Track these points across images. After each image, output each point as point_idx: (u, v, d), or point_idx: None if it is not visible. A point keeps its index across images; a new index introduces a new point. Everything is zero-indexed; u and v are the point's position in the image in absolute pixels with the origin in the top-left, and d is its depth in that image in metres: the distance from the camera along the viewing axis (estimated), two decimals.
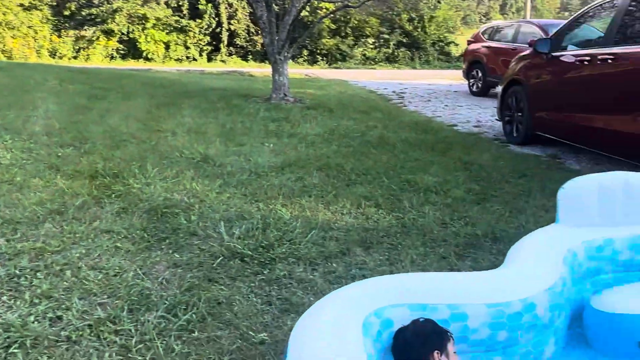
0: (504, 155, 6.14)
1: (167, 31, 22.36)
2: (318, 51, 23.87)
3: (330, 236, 3.42)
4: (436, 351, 1.76)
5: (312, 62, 23.62)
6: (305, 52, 23.57)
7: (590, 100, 5.38)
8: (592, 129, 5.34)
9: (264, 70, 18.08)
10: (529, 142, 6.76)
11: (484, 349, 1.97)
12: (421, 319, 1.85)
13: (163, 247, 3.16)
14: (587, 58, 5.45)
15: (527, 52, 6.90)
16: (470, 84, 13.33)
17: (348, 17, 23.53)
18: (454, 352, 1.81)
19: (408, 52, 25.00)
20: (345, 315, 1.77)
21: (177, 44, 22.56)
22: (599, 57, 5.24)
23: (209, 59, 23.15)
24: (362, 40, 24.54)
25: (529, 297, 1.98)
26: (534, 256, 2.25)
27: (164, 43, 22.35)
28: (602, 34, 5.59)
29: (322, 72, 20.30)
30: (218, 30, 22.88)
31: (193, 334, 2.30)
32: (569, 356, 2.22)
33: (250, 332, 2.33)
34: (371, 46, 24.65)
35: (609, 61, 5.10)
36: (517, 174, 5.19)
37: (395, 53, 24.83)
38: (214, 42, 23.24)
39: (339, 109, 9.02)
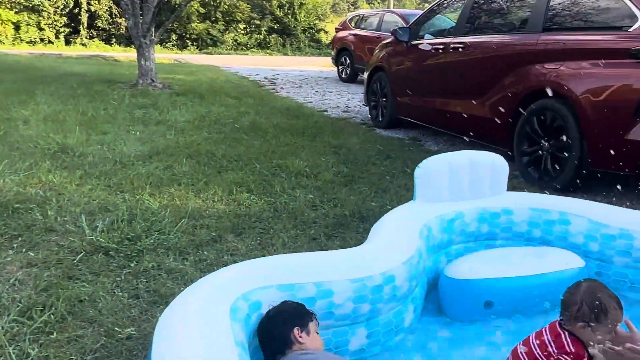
0: (370, 139, 6.43)
1: (16, 10, 20.30)
2: (187, 36, 23.12)
3: (201, 224, 3.37)
4: (297, 328, 1.81)
5: (182, 47, 22.84)
6: (174, 37, 22.71)
7: (445, 86, 5.80)
8: (447, 112, 5.76)
9: (129, 54, 17.14)
10: (393, 125, 7.15)
11: (349, 322, 2.07)
12: (288, 301, 1.90)
13: (15, 245, 2.91)
14: (441, 46, 5.87)
15: (389, 40, 7.26)
16: (340, 70, 13.74)
17: (218, 1, 23.04)
18: (316, 332, 1.87)
19: (279, 38, 25.13)
20: (213, 301, 1.76)
21: (28, 24, 20.56)
22: (451, 45, 5.66)
23: (67, 42, 21.42)
24: (233, 25, 24.20)
25: (388, 270, 2.11)
26: (393, 232, 2.40)
27: (13, 23, 20.26)
28: (454, 24, 6.04)
29: (192, 57, 19.72)
30: (76, 10, 21.21)
31: (51, 336, 2.15)
32: (425, 323, 2.41)
33: (116, 328, 2.23)
34: (242, 32, 24.40)
35: (460, 50, 5.53)
36: (382, 156, 5.47)
37: (267, 39, 24.84)
38: (73, 24, 21.53)
39: (210, 95, 8.84)
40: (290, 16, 25.27)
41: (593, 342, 1.77)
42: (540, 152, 4.56)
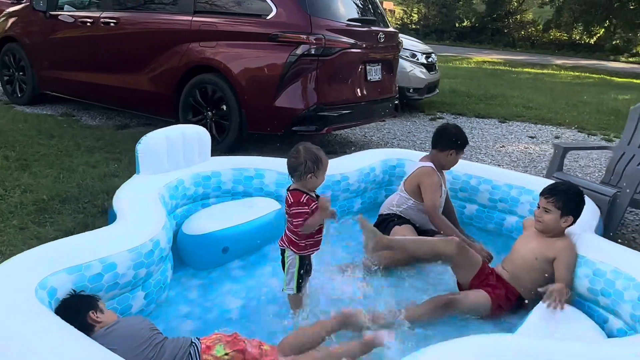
0: (17, 118, 5.92)
1: None
2: None
3: None
4: (91, 311, 1.96)
5: None
6: None
7: (102, 60, 5.80)
8: (106, 87, 5.82)
9: None
10: (36, 101, 6.68)
11: (130, 288, 2.29)
12: (67, 297, 2.00)
13: None
14: (90, 20, 5.81)
15: (19, 7, 6.64)
16: None
17: None
18: (105, 307, 2.05)
19: None
20: (16, 292, 1.77)
21: None
22: (102, 20, 5.69)
23: None
24: None
25: (154, 237, 2.40)
26: (141, 204, 2.65)
27: None
28: None
29: None
30: None
31: None
32: (177, 277, 2.78)
33: None
34: None
35: (113, 24, 5.63)
36: (45, 136, 5.21)
37: None
38: None
39: None
40: None
41: (318, 185, 2.42)
42: (205, 120, 5.22)
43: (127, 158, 4.74)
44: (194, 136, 3.33)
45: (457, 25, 34.55)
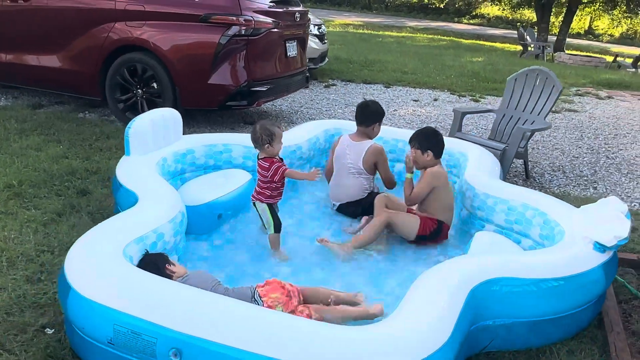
0: None
1: None
2: None
3: None
4: (166, 265, 2.43)
5: None
6: None
7: (14, 39, 5.64)
8: (20, 66, 5.69)
9: None
10: None
11: (170, 251, 2.74)
12: (146, 255, 2.44)
13: None
14: None
15: None
16: None
17: None
18: (175, 261, 2.52)
19: None
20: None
21: None
22: None
23: None
24: None
25: (181, 209, 2.85)
26: (155, 185, 3.04)
27: None
28: None
29: None
30: None
31: None
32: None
33: None
34: None
35: (21, 1, 5.49)
36: None
37: None
38: None
39: None
40: None
41: (275, 153, 3.16)
42: (134, 98, 5.42)
43: (66, 139, 4.85)
44: (170, 118, 3.70)
45: None
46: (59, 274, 2.21)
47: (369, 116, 3.88)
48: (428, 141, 3.46)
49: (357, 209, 3.78)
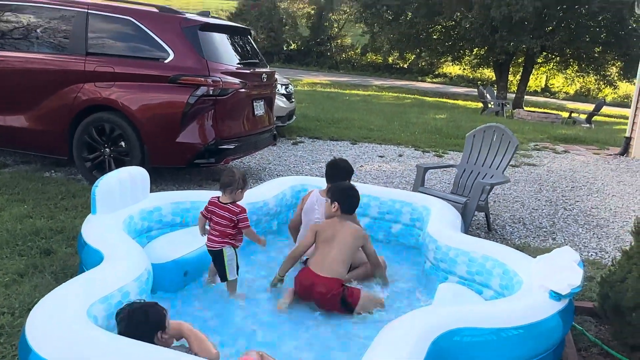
0: None
1: None
2: None
3: None
4: (159, 332, 2.29)
5: None
6: None
7: None
8: None
9: None
10: None
11: None
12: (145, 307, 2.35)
13: None
14: None
15: None
16: None
17: None
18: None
19: None
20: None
21: None
22: None
23: None
24: None
25: (147, 267, 2.85)
26: (120, 243, 3.05)
27: None
28: None
29: None
30: None
31: None
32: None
33: None
34: None
35: None
36: None
37: None
38: None
39: None
40: None
41: (241, 199, 3.29)
42: (102, 157, 5.44)
43: (30, 199, 4.82)
44: (137, 176, 3.74)
45: (285, 48, 36.48)
46: (20, 337, 2.18)
47: (339, 174, 3.99)
48: (337, 196, 3.55)
49: None
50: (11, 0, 5.83)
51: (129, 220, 3.53)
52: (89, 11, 5.45)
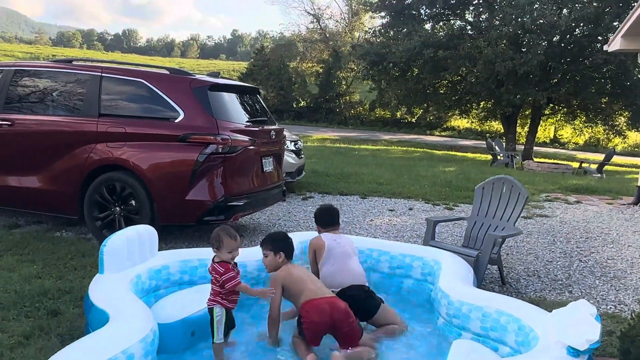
0: None
1: None
2: None
3: None
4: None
5: None
6: None
7: None
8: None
9: None
10: None
11: None
12: None
13: None
14: None
15: None
16: None
17: None
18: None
19: None
20: None
21: None
22: None
23: None
24: None
25: (153, 327, 2.80)
26: (127, 304, 3.01)
27: None
28: None
29: None
30: None
31: None
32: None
33: None
34: None
35: (6, 126, 5.70)
36: None
37: None
38: None
39: None
40: None
41: (227, 258, 3.22)
42: (112, 216, 5.47)
43: (40, 259, 4.82)
44: (145, 234, 3.75)
45: (294, 105, 37.26)
46: None
47: (338, 216, 4.25)
48: (280, 243, 3.59)
49: (361, 293, 3.74)
50: (30, 66, 6.07)
51: (137, 280, 3.50)
52: (103, 75, 5.62)
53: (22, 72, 5.99)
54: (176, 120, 5.39)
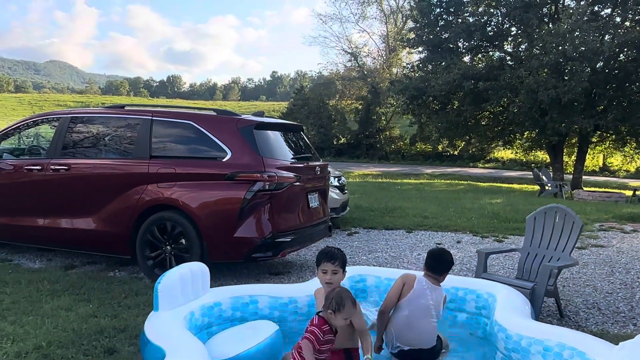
0: None
1: None
2: None
3: None
4: None
5: None
6: None
7: (49, 205, 6.02)
8: (55, 230, 6.00)
9: None
10: None
11: None
12: None
13: None
14: (37, 166, 6.08)
15: None
16: None
17: None
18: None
19: None
20: None
21: None
22: (51, 166, 6.00)
23: None
24: None
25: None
26: (184, 341, 3.04)
27: None
28: (47, 146, 6.34)
29: None
30: None
31: None
32: None
33: None
34: None
35: (64, 170, 5.95)
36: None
37: None
38: None
39: None
40: None
41: (337, 325, 3.07)
42: (163, 255, 5.58)
43: (95, 298, 4.94)
44: (198, 272, 3.80)
45: (335, 142, 37.56)
46: None
47: (446, 266, 3.70)
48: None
49: (428, 357, 3.58)
50: (85, 112, 6.37)
51: (190, 316, 3.54)
52: (153, 118, 5.83)
53: (78, 118, 6.28)
54: (224, 160, 5.51)
